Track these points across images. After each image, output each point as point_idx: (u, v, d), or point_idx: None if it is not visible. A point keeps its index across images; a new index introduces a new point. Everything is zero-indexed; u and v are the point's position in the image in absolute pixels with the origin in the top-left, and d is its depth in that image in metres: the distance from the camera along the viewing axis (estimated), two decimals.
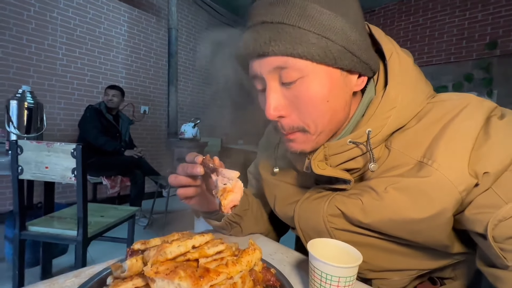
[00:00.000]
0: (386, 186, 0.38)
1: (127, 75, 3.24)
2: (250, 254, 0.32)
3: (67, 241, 1.17)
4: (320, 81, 0.37)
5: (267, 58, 0.37)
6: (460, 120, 0.36)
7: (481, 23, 3.19)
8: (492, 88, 3.11)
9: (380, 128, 0.39)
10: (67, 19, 2.72)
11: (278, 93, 0.39)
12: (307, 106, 0.38)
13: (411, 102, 0.40)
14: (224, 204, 0.37)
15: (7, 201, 2.45)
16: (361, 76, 0.41)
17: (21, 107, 1.44)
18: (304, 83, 0.37)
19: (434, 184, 0.35)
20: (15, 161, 1.10)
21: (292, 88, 0.38)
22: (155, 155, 3.54)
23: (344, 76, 0.39)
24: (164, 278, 0.25)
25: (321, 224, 0.45)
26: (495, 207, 0.33)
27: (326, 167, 0.42)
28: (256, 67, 0.39)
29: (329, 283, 0.33)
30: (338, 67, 0.37)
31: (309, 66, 0.36)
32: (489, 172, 0.33)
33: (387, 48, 0.42)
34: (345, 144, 0.41)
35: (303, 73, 0.36)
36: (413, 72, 0.42)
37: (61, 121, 2.74)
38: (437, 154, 0.36)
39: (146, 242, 0.35)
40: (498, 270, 0.35)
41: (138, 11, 3.28)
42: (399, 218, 0.38)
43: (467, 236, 0.40)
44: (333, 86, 0.38)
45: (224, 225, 0.53)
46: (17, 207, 1.13)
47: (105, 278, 0.32)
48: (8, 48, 2.39)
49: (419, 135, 0.39)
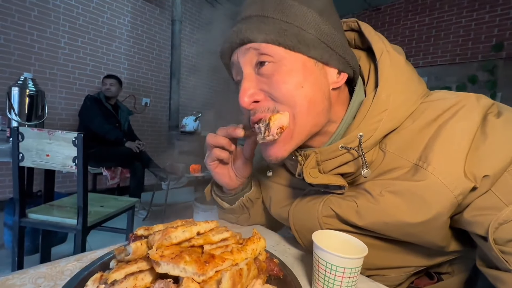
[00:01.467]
0: (381, 190, 0.38)
1: (129, 66, 3.21)
2: (255, 242, 0.32)
3: (67, 229, 1.17)
4: (294, 67, 0.37)
5: (244, 47, 0.39)
6: (456, 121, 0.35)
7: (488, 24, 3.15)
8: (496, 91, 3.09)
9: (372, 132, 0.38)
10: (70, 7, 2.69)
11: (252, 79, 0.39)
12: (281, 90, 0.37)
13: (403, 103, 0.39)
14: (271, 124, 0.36)
15: (7, 189, 2.45)
16: (341, 72, 0.41)
17: (23, 95, 1.42)
18: (277, 69, 0.37)
19: (429, 188, 0.35)
20: (16, 148, 1.10)
21: (265, 75, 0.38)
22: (156, 148, 3.53)
23: (320, 68, 0.39)
24: (169, 262, 0.24)
25: (316, 225, 0.45)
26: (496, 209, 0.33)
27: (318, 175, 0.42)
28: (235, 57, 0.41)
29: (334, 274, 0.32)
30: (311, 57, 0.38)
31: (282, 53, 0.37)
32: (488, 175, 0.33)
33: (377, 47, 0.41)
34: (337, 149, 0.40)
35: (276, 59, 0.37)
36: (405, 71, 0.41)
37: (62, 111, 2.73)
38: (432, 157, 0.35)
39: (149, 228, 0.34)
40: (500, 272, 0.34)
41: (142, 2, 3.25)
42: (394, 221, 0.37)
43: (464, 233, 0.39)
44: (308, 74, 0.38)
45: (237, 207, 0.54)
46: (17, 194, 1.12)
47: (107, 262, 0.31)
48: (10, 35, 2.37)
49: (415, 136, 0.38)
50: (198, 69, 3.98)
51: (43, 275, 0.32)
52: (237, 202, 0.53)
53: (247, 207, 0.55)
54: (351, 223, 0.41)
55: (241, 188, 0.54)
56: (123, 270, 0.25)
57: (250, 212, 0.56)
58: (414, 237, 0.39)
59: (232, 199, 0.54)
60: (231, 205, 0.54)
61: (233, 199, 0.54)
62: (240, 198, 0.53)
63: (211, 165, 0.49)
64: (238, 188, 0.53)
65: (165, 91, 3.53)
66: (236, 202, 0.54)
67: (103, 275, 0.27)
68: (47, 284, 0.30)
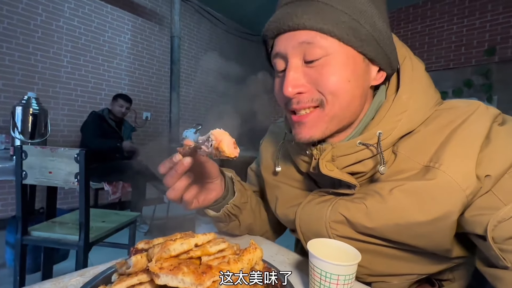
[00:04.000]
0: (391, 189, 0.38)
1: (130, 82, 3.29)
2: (251, 252, 0.33)
3: (69, 246, 1.18)
4: (344, 61, 0.37)
5: (295, 32, 0.37)
6: (468, 125, 0.37)
7: (479, 30, 3.23)
8: (492, 94, 3.13)
9: (390, 131, 0.40)
10: (73, 27, 2.79)
11: (299, 70, 0.39)
12: (328, 81, 0.37)
13: (421, 107, 0.40)
14: (225, 151, 0.32)
15: (9, 207, 2.46)
16: (381, 70, 0.42)
17: (26, 113, 1.46)
18: (328, 61, 0.37)
19: (440, 186, 0.35)
20: (19, 166, 1.12)
21: (314, 66, 0.38)
22: (157, 161, 3.55)
23: (366, 64, 0.40)
24: (168, 273, 0.25)
25: (323, 230, 0.45)
26: (494, 209, 0.33)
27: (334, 168, 0.42)
28: (282, 43, 0.39)
29: (329, 281, 0.33)
30: (362, 52, 0.38)
31: (335, 45, 0.37)
32: (490, 175, 0.34)
33: (400, 52, 0.43)
34: (354, 145, 0.41)
35: (328, 51, 0.37)
36: (424, 77, 0.43)
37: (64, 127, 2.77)
38: (444, 158, 0.36)
39: (149, 241, 0.35)
40: (498, 270, 0.35)
41: (141, 20, 3.35)
42: (404, 221, 0.37)
43: (466, 239, 0.40)
44: (356, 69, 0.38)
45: (222, 216, 0.51)
46: (20, 211, 1.13)
47: (109, 276, 0.33)
48: (15, 56, 2.44)
49: (426, 140, 0.39)
50: (198, 83, 4.05)
51: None
52: (221, 210, 0.50)
53: (234, 214, 0.51)
54: (360, 226, 0.41)
55: (223, 196, 0.50)
56: (124, 282, 0.26)
57: (240, 218, 0.54)
58: (423, 238, 0.38)
59: (217, 207, 0.51)
60: (216, 213, 0.51)
61: (218, 207, 0.51)
62: (225, 205, 0.50)
63: (186, 205, 0.44)
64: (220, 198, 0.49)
65: (165, 105, 3.59)
66: (220, 210, 0.51)
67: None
68: None
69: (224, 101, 4.41)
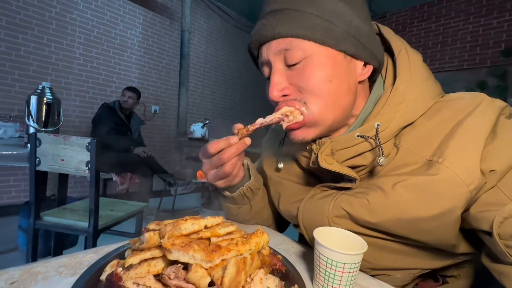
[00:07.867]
0: (394, 184, 0.38)
1: (140, 75, 3.33)
2: (258, 236, 0.33)
3: (79, 232, 1.21)
4: (323, 61, 0.38)
5: (273, 41, 0.39)
6: (473, 119, 0.36)
7: (496, 29, 3.13)
8: (507, 97, 3.04)
9: (389, 122, 0.40)
10: (86, 20, 2.84)
11: (282, 74, 0.40)
12: (308, 83, 0.39)
13: (420, 98, 0.40)
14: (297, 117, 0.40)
15: (22, 193, 2.54)
16: (367, 64, 0.42)
17: (40, 102, 1.50)
18: (308, 63, 0.38)
19: (444, 181, 0.35)
20: (33, 153, 1.16)
21: (296, 69, 0.39)
22: (164, 154, 3.60)
23: (348, 61, 0.40)
24: (180, 249, 0.26)
25: (325, 224, 0.45)
26: (501, 205, 0.33)
27: (333, 162, 0.42)
28: (264, 52, 0.41)
29: (334, 269, 0.34)
30: (341, 50, 0.39)
31: (312, 47, 0.38)
32: (495, 170, 0.33)
33: (396, 45, 0.43)
34: (353, 138, 0.41)
35: (306, 53, 0.38)
36: (421, 68, 0.42)
37: (75, 118, 2.84)
38: (448, 152, 0.35)
39: (160, 223, 0.37)
40: (504, 266, 0.34)
41: (152, 14, 3.38)
42: (407, 216, 0.37)
43: (473, 235, 0.39)
44: (336, 67, 0.39)
45: (237, 196, 0.53)
46: (33, 197, 1.18)
47: (122, 253, 0.34)
48: (30, 47, 2.51)
49: (429, 133, 0.39)
50: (206, 77, 4.07)
51: (64, 264, 0.35)
52: (237, 190, 0.53)
53: (248, 197, 0.54)
54: (363, 221, 0.41)
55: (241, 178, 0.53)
56: (138, 256, 0.27)
57: (252, 203, 0.56)
58: (427, 233, 0.38)
59: (233, 189, 0.54)
60: (232, 194, 0.54)
61: (234, 189, 0.54)
62: (240, 187, 0.53)
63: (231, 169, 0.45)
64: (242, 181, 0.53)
65: (174, 99, 3.63)
66: (236, 190, 0.53)
67: (119, 261, 0.29)
68: (68, 272, 0.33)
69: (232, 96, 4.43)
